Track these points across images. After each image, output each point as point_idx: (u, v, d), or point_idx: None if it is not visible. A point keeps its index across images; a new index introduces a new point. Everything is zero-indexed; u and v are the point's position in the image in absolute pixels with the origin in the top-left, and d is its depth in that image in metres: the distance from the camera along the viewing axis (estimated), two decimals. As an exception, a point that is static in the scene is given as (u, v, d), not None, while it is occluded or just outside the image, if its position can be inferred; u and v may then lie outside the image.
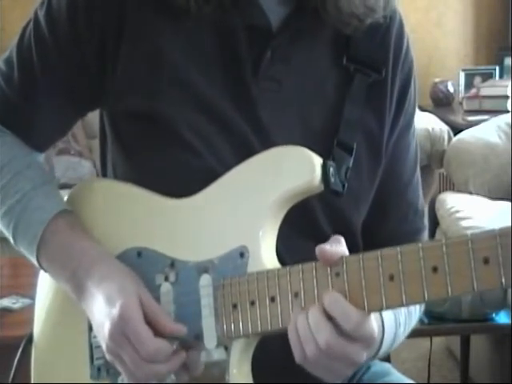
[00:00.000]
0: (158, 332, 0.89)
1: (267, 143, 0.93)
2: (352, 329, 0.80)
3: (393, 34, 1.03)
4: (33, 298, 1.13)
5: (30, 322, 1.11)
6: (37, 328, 1.10)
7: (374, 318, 0.83)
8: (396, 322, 0.97)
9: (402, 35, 1.04)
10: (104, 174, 1.10)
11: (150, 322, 0.89)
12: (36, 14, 1.01)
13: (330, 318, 0.81)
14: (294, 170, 0.89)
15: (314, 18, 0.97)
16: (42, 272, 1.05)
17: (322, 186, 0.89)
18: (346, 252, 0.84)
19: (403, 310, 1.00)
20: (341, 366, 0.83)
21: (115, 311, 0.88)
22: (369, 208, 1.03)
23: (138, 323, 0.88)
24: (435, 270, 0.76)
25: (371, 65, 1.00)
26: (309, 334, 0.82)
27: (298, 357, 0.84)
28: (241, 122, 0.96)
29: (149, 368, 0.88)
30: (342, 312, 0.81)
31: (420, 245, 0.78)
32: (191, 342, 0.91)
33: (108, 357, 0.92)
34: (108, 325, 0.89)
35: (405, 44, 1.05)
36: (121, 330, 0.88)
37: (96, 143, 1.14)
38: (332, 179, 0.90)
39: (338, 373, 0.84)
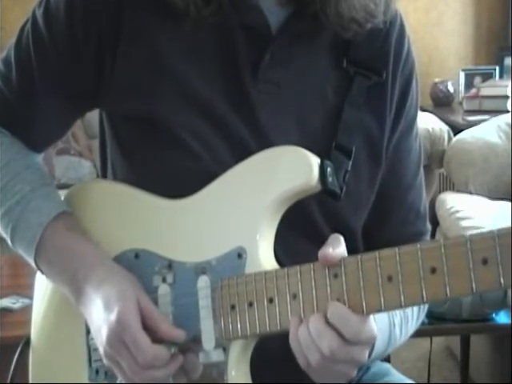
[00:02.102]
0: (156, 337, 0.89)
1: (266, 146, 0.92)
2: (353, 336, 0.80)
3: (393, 37, 1.02)
4: (33, 298, 1.12)
5: (30, 322, 1.11)
6: (35, 329, 1.10)
7: (372, 318, 0.83)
8: (390, 322, 0.97)
9: (403, 38, 1.04)
10: (104, 175, 1.09)
11: (148, 326, 0.89)
12: (34, 13, 1.00)
13: (330, 324, 0.81)
14: (291, 169, 0.88)
15: (313, 21, 0.96)
16: (38, 273, 1.04)
17: (319, 185, 0.89)
18: (345, 253, 0.84)
19: (398, 311, 0.99)
20: (345, 369, 0.83)
21: (113, 317, 0.88)
22: (370, 211, 1.03)
23: (135, 329, 0.87)
24: (434, 270, 0.76)
25: (371, 67, 0.99)
26: (311, 343, 0.81)
27: (302, 364, 0.84)
28: (239, 124, 0.95)
29: (147, 374, 0.88)
30: (341, 320, 0.80)
31: (418, 246, 0.78)
32: (189, 343, 0.91)
33: (106, 362, 0.92)
34: (106, 330, 0.88)
35: (405, 46, 1.04)
36: (118, 336, 0.87)
37: (96, 143, 1.14)
38: (330, 179, 0.89)
39: (343, 375, 0.84)
